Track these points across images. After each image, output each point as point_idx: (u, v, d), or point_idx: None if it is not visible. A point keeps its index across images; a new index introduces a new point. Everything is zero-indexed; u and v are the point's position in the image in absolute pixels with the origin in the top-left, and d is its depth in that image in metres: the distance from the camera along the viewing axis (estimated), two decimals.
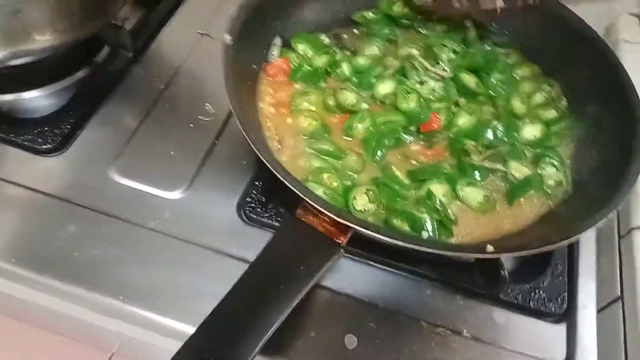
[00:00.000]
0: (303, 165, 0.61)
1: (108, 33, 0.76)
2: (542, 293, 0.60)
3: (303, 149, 0.63)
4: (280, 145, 0.63)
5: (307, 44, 0.73)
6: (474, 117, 0.68)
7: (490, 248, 0.50)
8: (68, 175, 0.65)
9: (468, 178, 0.62)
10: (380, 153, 0.64)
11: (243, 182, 0.66)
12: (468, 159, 0.63)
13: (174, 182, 0.65)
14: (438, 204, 0.59)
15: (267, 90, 0.68)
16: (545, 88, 0.73)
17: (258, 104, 0.66)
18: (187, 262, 0.59)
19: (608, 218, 0.52)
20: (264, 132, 0.63)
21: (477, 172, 0.63)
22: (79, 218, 0.61)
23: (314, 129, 0.64)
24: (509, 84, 0.73)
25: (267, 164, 0.52)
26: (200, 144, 0.69)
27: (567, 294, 0.61)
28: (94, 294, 0.57)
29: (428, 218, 0.57)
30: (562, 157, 0.66)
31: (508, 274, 0.57)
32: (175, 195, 0.64)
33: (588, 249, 0.66)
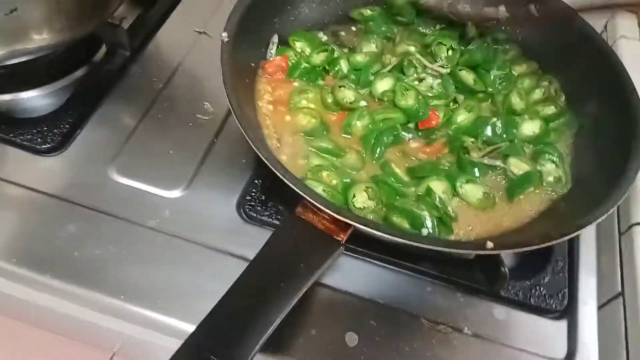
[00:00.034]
0: (302, 163, 0.61)
1: (105, 32, 0.76)
2: (542, 290, 0.60)
3: (302, 147, 0.63)
4: (279, 144, 0.63)
5: (304, 42, 0.72)
6: (473, 114, 0.68)
7: (490, 244, 0.50)
8: (67, 175, 0.65)
9: (467, 175, 0.62)
10: (380, 150, 0.64)
11: (242, 180, 0.66)
12: (467, 156, 0.63)
13: (174, 181, 0.65)
14: (437, 201, 0.59)
15: (265, 89, 0.68)
16: (544, 84, 0.73)
17: (256, 102, 0.66)
18: (187, 260, 0.59)
19: (608, 214, 0.52)
20: (263, 130, 0.63)
21: (476, 168, 0.63)
22: (79, 217, 0.61)
23: (313, 127, 0.64)
24: (508, 81, 0.73)
25: (266, 162, 0.52)
26: (199, 143, 0.69)
27: (567, 291, 0.61)
28: (94, 294, 0.57)
29: (428, 215, 0.57)
30: (561, 153, 0.66)
31: (508, 271, 0.57)
32: (175, 194, 0.64)
33: (588, 246, 0.66)
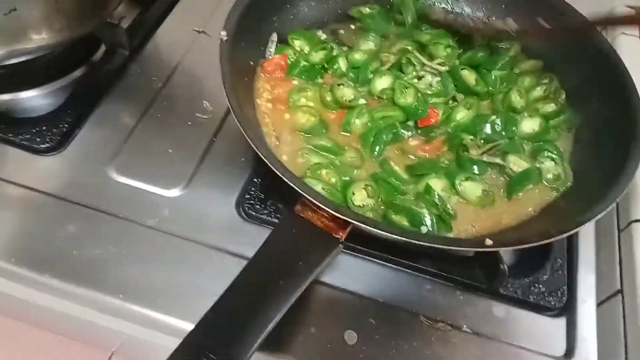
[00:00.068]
0: (301, 162, 0.61)
1: (104, 32, 0.76)
2: (541, 287, 0.60)
3: (301, 145, 0.63)
4: (278, 142, 0.63)
5: (303, 40, 0.72)
6: (472, 111, 0.68)
7: (489, 242, 0.50)
8: (66, 174, 0.65)
9: (467, 172, 0.62)
10: (379, 148, 0.64)
11: (242, 179, 0.66)
12: (466, 154, 0.63)
13: (173, 180, 0.65)
14: (437, 199, 0.59)
15: (264, 87, 0.68)
16: (545, 82, 0.73)
17: (255, 101, 0.66)
18: (186, 259, 0.59)
19: (607, 211, 0.52)
20: (262, 128, 0.63)
21: (475, 166, 0.63)
22: (78, 217, 0.61)
23: (312, 125, 0.64)
24: (509, 81, 0.72)
25: (265, 161, 0.52)
26: (199, 142, 0.69)
27: (566, 288, 0.61)
28: (94, 293, 0.57)
29: (427, 213, 0.57)
30: (560, 151, 0.66)
31: (507, 268, 0.57)
32: (174, 193, 0.64)
33: (587, 243, 0.66)
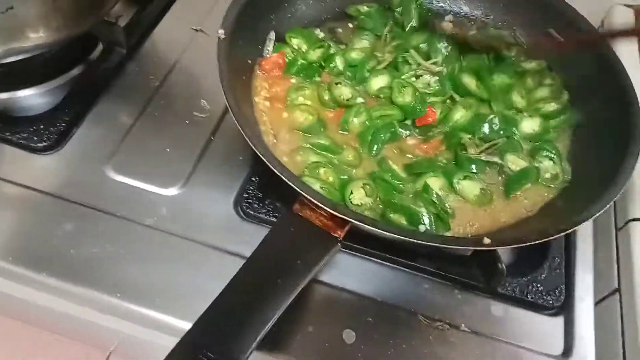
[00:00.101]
0: (299, 160, 0.61)
1: (102, 30, 0.76)
2: (539, 286, 0.60)
3: (299, 144, 0.63)
4: (276, 140, 0.63)
5: (301, 38, 0.72)
6: (470, 111, 0.67)
7: (487, 241, 0.50)
8: (64, 173, 0.65)
9: (464, 171, 0.62)
10: (377, 147, 0.64)
11: (240, 178, 0.66)
12: (464, 153, 0.63)
13: (171, 178, 0.65)
14: (435, 198, 0.59)
15: (262, 85, 0.68)
16: (547, 82, 0.73)
17: (253, 99, 0.66)
18: (184, 258, 0.59)
19: (605, 210, 0.52)
20: (260, 127, 0.63)
21: (473, 165, 0.63)
22: (76, 216, 0.61)
23: (310, 124, 0.64)
24: (510, 84, 0.72)
25: (263, 159, 0.52)
26: (196, 141, 0.69)
27: (564, 287, 0.61)
28: (92, 292, 0.57)
29: (425, 212, 0.57)
30: (559, 150, 0.66)
31: (505, 267, 0.57)
32: (172, 192, 0.64)
33: (585, 242, 0.66)
